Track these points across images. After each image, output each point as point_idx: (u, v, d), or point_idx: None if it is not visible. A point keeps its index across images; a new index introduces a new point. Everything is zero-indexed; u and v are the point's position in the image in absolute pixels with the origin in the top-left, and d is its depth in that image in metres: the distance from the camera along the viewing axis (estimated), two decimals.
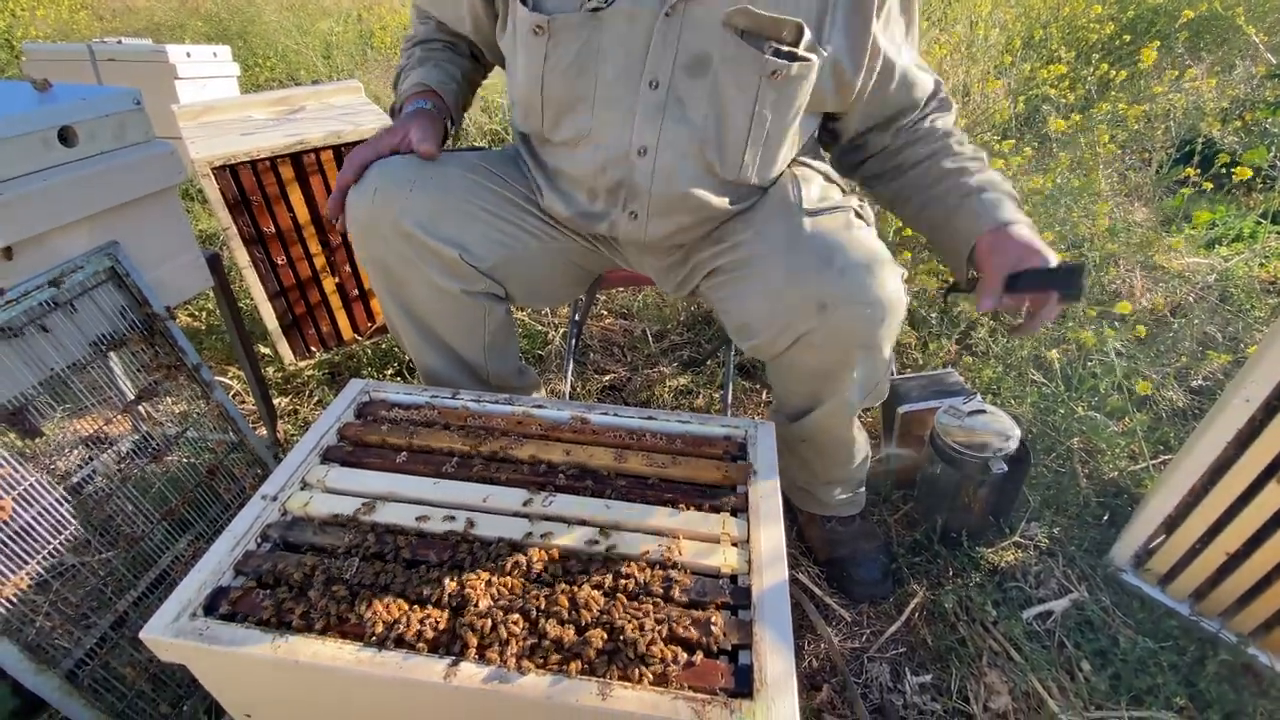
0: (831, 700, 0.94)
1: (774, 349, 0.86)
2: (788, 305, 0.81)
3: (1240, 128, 2.53)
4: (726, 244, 0.91)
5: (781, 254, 0.83)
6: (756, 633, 0.62)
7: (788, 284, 0.81)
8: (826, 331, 0.81)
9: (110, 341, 0.89)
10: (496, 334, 1.03)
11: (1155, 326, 1.69)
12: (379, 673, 0.59)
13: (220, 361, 1.63)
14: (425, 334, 1.01)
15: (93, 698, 0.80)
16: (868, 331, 0.81)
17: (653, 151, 0.84)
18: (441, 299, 0.96)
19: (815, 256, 0.80)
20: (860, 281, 0.79)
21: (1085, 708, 0.92)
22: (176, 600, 0.66)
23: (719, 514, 0.76)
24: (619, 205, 0.90)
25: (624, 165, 0.86)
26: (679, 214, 0.89)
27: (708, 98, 0.81)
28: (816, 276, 0.79)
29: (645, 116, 0.82)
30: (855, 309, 0.79)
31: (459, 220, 0.92)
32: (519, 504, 0.77)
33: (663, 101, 0.81)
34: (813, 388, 0.91)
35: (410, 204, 0.89)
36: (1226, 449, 0.90)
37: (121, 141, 0.92)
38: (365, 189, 0.90)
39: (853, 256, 0.79)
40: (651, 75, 0.80)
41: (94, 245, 0.89)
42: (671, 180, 0.85)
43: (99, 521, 0.87)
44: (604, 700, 0.57)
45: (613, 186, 0.89)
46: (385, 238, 0.91)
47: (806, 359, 0.86)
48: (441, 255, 0.91)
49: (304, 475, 0.81)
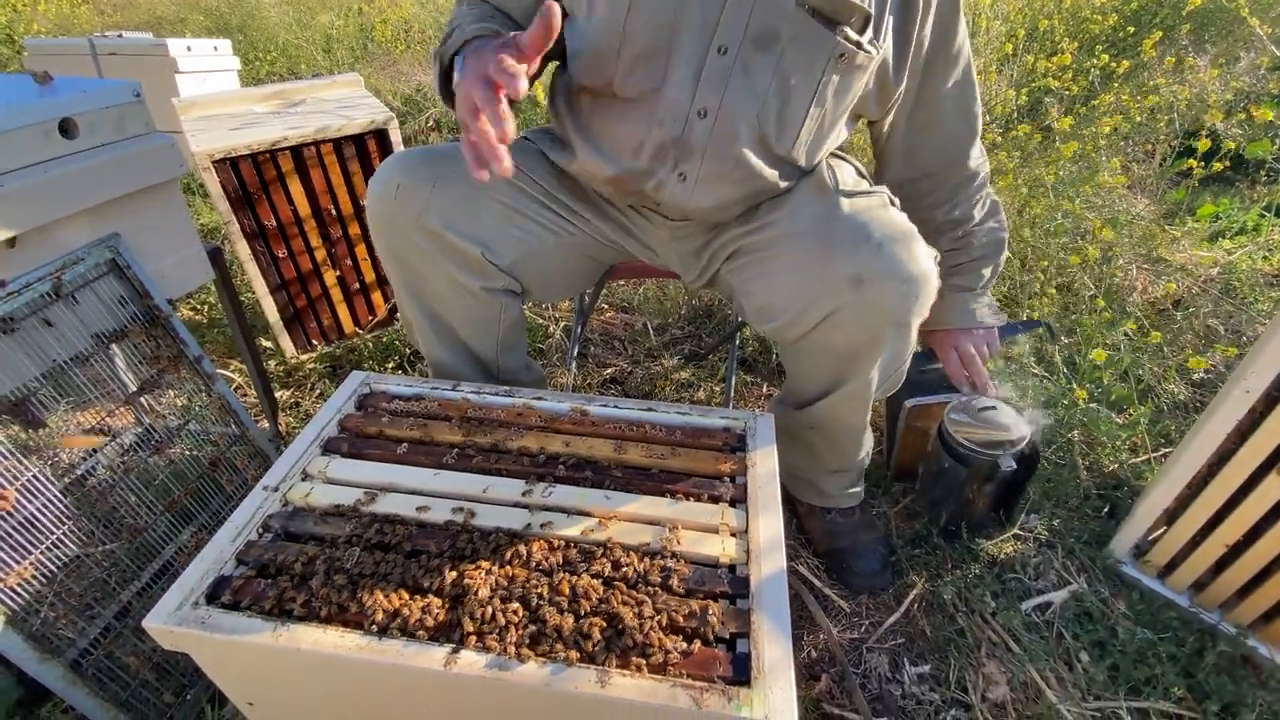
0: (830, 690, 0.94)
1: (799, 328, 0.86)
2: (821, 281, 0.81)
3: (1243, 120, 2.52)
4: (755, 224, 0.91)
5: (815, 231, 0.83)
6: (754, 621, 0.62)
7: (822, 259, 0.81)
8: (860, 307, 0.81)
9: (112, 333, 0.90)
10: (510, 330, 1.04)
11: (1158, 320, 1.68)
12: (380, 660, 0.60)
13: (222, 355, 1.63)
14: (440, 329, 1.01)
15: (97, 687, 0.81)
16: (902, 307, 0.81)
17: (713, 115, 0.83)
18: (461, 296, 0.96)
19: (851, 233, 0.81)
20: (897, 256, 0.79)
21: (1083, 698, 0.92)
22: (179, 589, 0.66)
23: (718, 504, 0.77)
24: (669, 164, 0.88)
25: (682, 124, 0.84)
26: (727, 184, 0.88)
27: (774, 71, 0.81)
28: (852, 251, 0.80)
29: (710, 80, 0.82)
30: (891, 284, 0.79)
31: (481, 217, 0.92)
32: (519, 495, 0.77)
33: (729, 68, 0.81)
34: (835, 370, 0.91)
35: (434, 201, 0.89)
36: (1227, 440, 0.90)
37: (122, 134, 0.92)
38: (387, 184, 0.90)
39: (889, 232, 0.80)
40: (721, 41, 0.80)
41: (95, 238, 0.89)
42: (728, 145, 0.85)
43: (102, 513, 0.88)
44: (603, 688, 0.57)
45: (665, 144, 0.86)
46: (407, 234, 0.90)
47: (834, 338, 0.85)
48: (464, 253, 0.91)
49: (305, 466, 0.82)
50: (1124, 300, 1.73)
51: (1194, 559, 0.99)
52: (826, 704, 0.92)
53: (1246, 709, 0.87)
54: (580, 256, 1.04)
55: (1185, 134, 2.32)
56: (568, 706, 0.60)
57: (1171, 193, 2.21)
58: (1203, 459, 0.93)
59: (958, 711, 0.92)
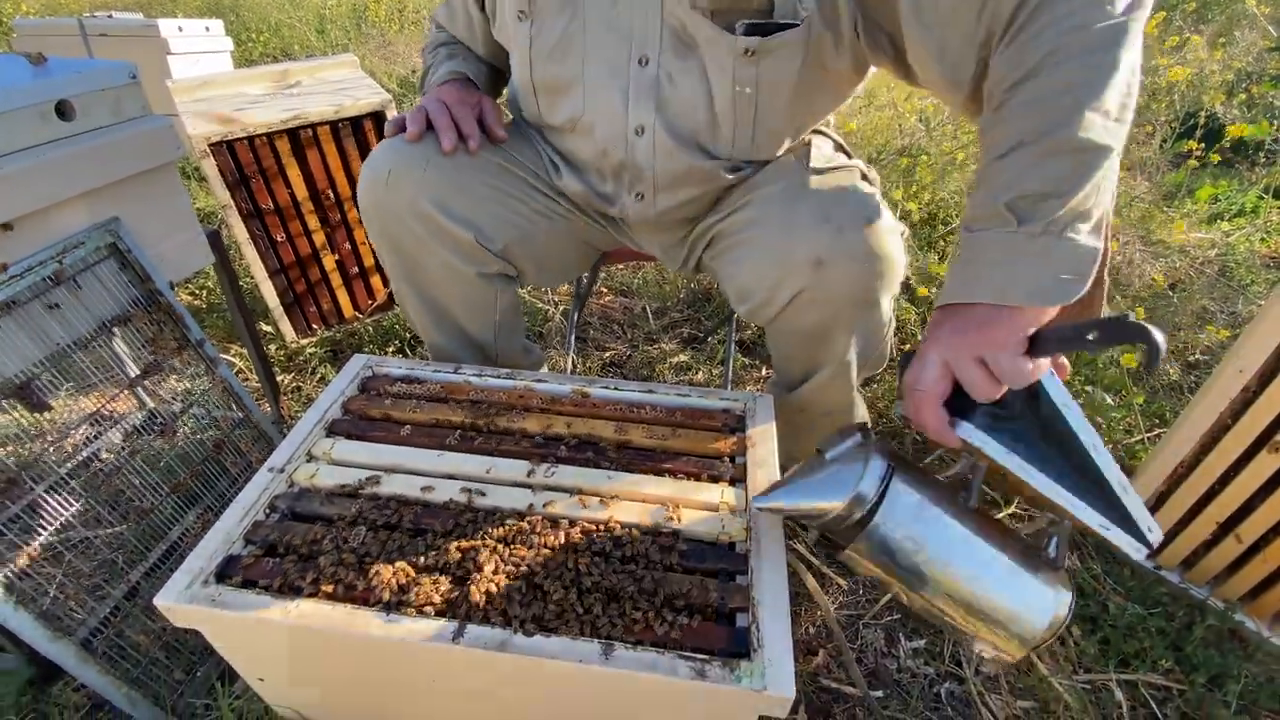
0: (827, 664, 0.96)
1: (771, 310, 0.85)
2: (785, 262, 0.81)
3: (1244, 101, 2.51)
4: (728, 210, 0.91)
5: (780, 213, 0.82)
6: (754, 596, 0.64)
7: (785, 240, 0.80)
8: (823, 289, 0.80)
9: (114, 318, 0.90)
10: (506, 314, 1.04)
11: (1154, 301, 1.69)
12: (389, 636, 0.61)
13: (222, 340, 1.63)
14: (437, 314, 1.01)
15: (108, 665, 0.82)
16: (864, 287, 0.80)
17: (650, 130, 0.83)
18: (456, 281, 0.96)
19: (813, 213, 0.79)
20: (856, 237, 0.77)
21: (1074, 671, 0.95)
22: (189, 568, 0.67)
23: (717, 483, 0.78)
24: (625, 189, 0.90)
25: (623, 146, 0.85)
26: (684, 188, 0.89)
27: (697, 77, 0.80)
28: (813, 232, 0.78)
29: (639, 95, 0.82)
30: (851, 265, 0.78)
31: (473, 201, 0.92)
32: (522, 475, 0.78)
33: (655, 79, 0.81)
34: (810, 352, 0.91)
35: (426, 184, 0.89)
36: (1220, 419, 0.92)
37: (118, 116, 0.92)
38: (379, 169, 0.90)
39: (850, 212, 0.78)
40: (640, 52, 0.80)
41: (93, 222, 0.89)
42: (672, 157, 0.85)
43: (109, 495, 0.89)
44: (606, 661, 0.59)
45: (616, 168, 0.89)
46: (400, 218, 0.90)
47: (803, 319, 0.85)
48: (457, 238, 0.91)
49: (310, 448, 0.83)
50: (1122, 282, 1.74)
51: (1184, 537, 1.01)
52: (823, 678, 0.95)
53: (1233, 681, 0.90)
54: (573, 241, 1.05)
55: (1185, 115, 2.32)
56: (572, 679, 0.62)
57: (1171, 175, 2.21)
58: (1196, 437, 0.95)
59: (951, 684, 0.94)
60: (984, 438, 0.59)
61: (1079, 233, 0.56)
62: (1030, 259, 0.56)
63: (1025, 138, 0.57)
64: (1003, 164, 0.58)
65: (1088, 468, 0.57)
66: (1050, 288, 0.56)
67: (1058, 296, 0.56)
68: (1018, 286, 0.56)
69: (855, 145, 2.07)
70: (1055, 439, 0.58)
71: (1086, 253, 0.56)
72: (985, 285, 0.58)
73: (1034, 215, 0.56)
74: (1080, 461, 0.57)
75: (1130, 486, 0.56)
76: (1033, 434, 0.59)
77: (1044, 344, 0.56)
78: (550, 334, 1.69)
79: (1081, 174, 0.55)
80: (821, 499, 0.63)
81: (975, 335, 0.57)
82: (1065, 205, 0.55)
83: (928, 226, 1.88)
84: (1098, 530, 0.57)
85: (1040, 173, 0.56)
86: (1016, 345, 0.56)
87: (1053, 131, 0.55)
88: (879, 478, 0.62)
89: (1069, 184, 0.55)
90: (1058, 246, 0.56)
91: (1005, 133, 0.58)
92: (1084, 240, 0.56)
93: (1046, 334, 0.56)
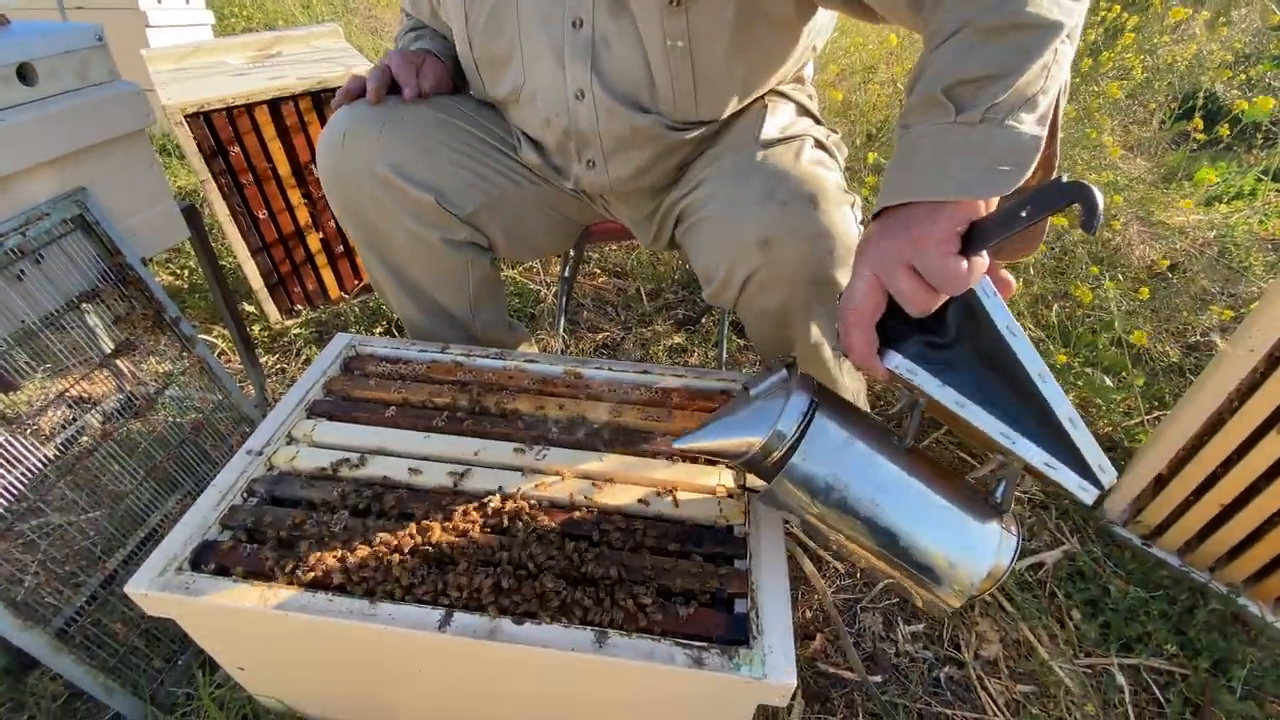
0: (825, 649, 0.95)
1: (730, 292, 0.82)
2: (734, 243, 0.77)
3: (1243, 82, 2.48)
4: (690, 184, 0.87)
5: (728, 192, 0.78)
6: (753, 581, 0.62)
7: (733, 221, 0.77)
8: (773, 269, 0.76)
9: (82, 294, 0.86)
10: (481, 286, 1.00)
11: (1153, 283, 1.67)
12: (373, 624, 0.59)
13: (204, 321, 1.59)
14: (408, 287, 0.98)
15: (84, 654, 0.79)
16: (816, 265, 0.75)
17: (589, 93, 0.80)
18: (421, 248, 0.93)
19: (759, 190, 0.76)
20: (801, 213, 0.73)
21: (1075, 655, 0.93)
22: (162, 554, 0.64)
23: (715, 466, 0.75)
24: (574, 157, 0.88)
25: (565, 113, 0.83)
26: (634, 151, 0.85)
27: (632, 36, 0.77)
28: (758, 210, 0.75)
29: (574, 58, 0.79)
30: (797, 242, 0.74)
31: (434, 163, 0.88)
32: (512, 457, 0.75)
33: (589, 40, 0.78)
34: (779, 333, 0.87)
35: (382, 145, 0.86)
36: (1226, 401, 0.90)
37: (84, 81, 0.87)
38: (333, 134, 0.87)
39: (795, 189, 0.74)
40: (574, 14, 0.77)
41: (60, 192, 0.85)
42: (614, 117, 0.81)
43: (84, 481, 0.85)
44: (600, 649, 0.56)
45: (561, 138, 0.86)
46: (359, 184, 0.88)
47: (762, 302, 0.81)
48: (418, 201, 0.88)
49: (290, 430, 0.79)
50: (1121, 262, 1.72)
51: (1186, 520, 1.00)
52: (821, 662, 0.93)
53: (1237, 665, 0.88)
54: (549, 211, 1.01)
55: (1185, 96, 2.29)
56: (564, 669, 0.59)
57: (1170, 156, 2.19)
58: (1201, 419, 0.93)
59: (951, 669, 0.93)
60: (912, 366, 0.54)
61: (1021, 121, 0.50)
62: (966, 150, 0.51)
63: (966, 19, 0.51)
64: (942, 50, 0.53)
65: (1034, 400, 0.52)
66: (986, 179, 0.50)
67: (993, 188, 0.50)
68: (950, 179, 0.50)
69: (853, 120, 2.03)
70: (998, 368, 0.53)
71: (1029, 142, 0.50)
72: (918, 183, 0.52)
73: (973, 102, 0.51)
74: (1026, 393, 0.52)
75: (1080, 421, 0.51)
76: (973, 364, 0.54)
77: (977, 237, 0.50)
78: (543, 315, 1.65)
79: (1027, 54, 0.50)
80: (740, 435, 0.59)
81: (904, 239, 0.52)
82: (1009, 89, 0.50)
83: None
84: (1042, 469, 0.52)
85: (982, 54, 0.50)
86: (947, 243, 0.50)
87: (998, 8, 0.50)
88: (800, 413, 0.58)
89: (1013, 65, 0.50)
90: (998, 135, 0.50)
91: (947, 18, 0.53)
92: (1027, 129, 0.50)
93: (979, 226, 0.51)
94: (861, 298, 0.54)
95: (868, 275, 0.54)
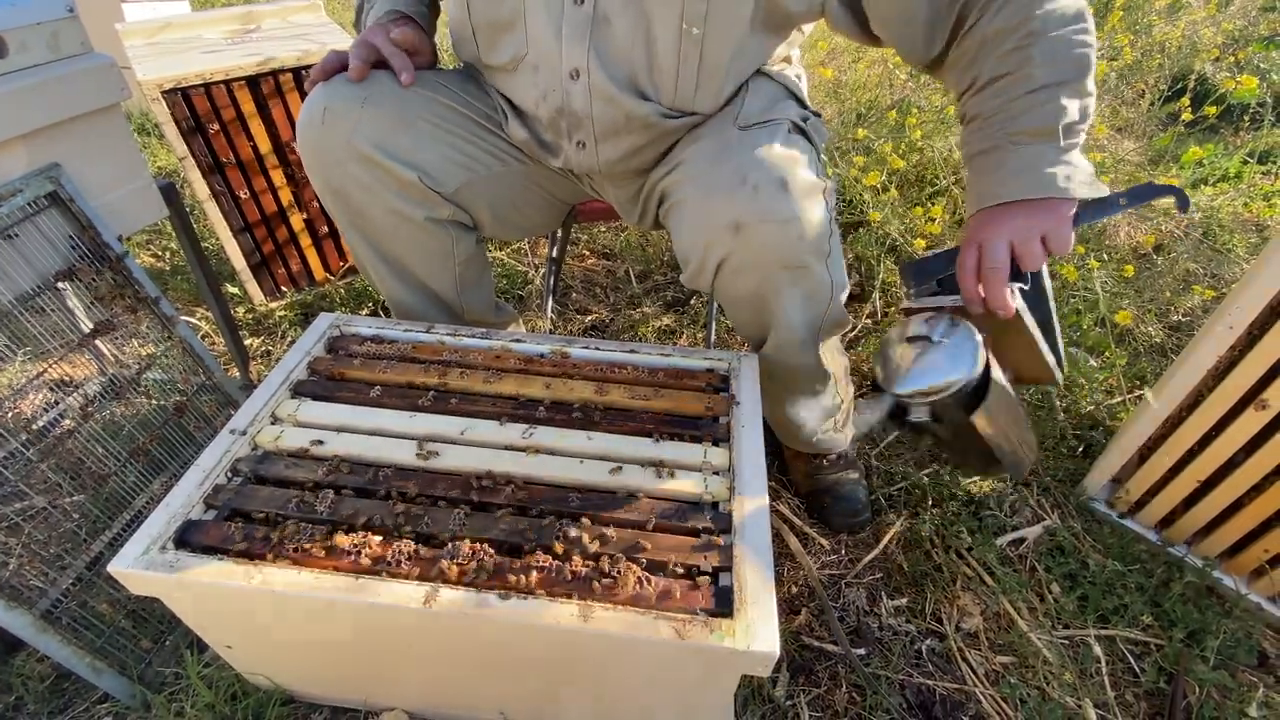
0: (810, 623, 0.96)
1: (705, 277, 0.82)
2: (707, 227, 0.77)
3: (1232, 64, 2.49)
4: (671, 165, 0.86)
5: (703, 175, 0.78)
6: (737, 555, 0.62)
7: (705, 205, 0.77)
8: (745, 254, 0.77)
9: (58, 273, 0.84)
10: (467, 267, 0.99)
11: (1138, 263, 1.68)
12: (358, 600, 0.59)
13: (188, 302, 1.57)
14: (393, 267, 0.97)
15: (71, 635, 0.79)
16: (786, 250, 0.76)
17: (584, 74, 0.79)
18: (405, 227, 0.91)
19: (732, 174, 0.75)
20: (771, 197, 0.73)
21: (1054, 627, 0.95)
22: (145, 533, 0.64)
23: (700, 444, 0.76)
24: (565, 136, 0.86)
25: (559, 91, 0.81)
26: (626, 135, 0.84)
27: (635, 16, 0.75)
28: (729, 195, 0.75)
29: (572, 35, 0.78)
30: (769, 227, 0.74)
31: (416, 139, 0.87)
32: (498, 436, 0.75)
33: (589, 18, 0.76)
34: (754, 317, 0.87)
35: (363, 122, 0.84)
36: (1206, 377, 0.91)
37: (56, 53, 0.85)
38: (313, 110, 0.85)
39: (767, 172, 0.74)
40: None
41: (33, 168, 0.83)
42: (610, 103, 0.81)
43: (68, 464, 0.85)
44: (585, 622, 0.57)
45: (554, 116, 0.84)
46: (340, 162, 0.86)
47: (735, 285, 0.81)
48: (401, 178, 0.87)
49: (274, 409, 0.79)
50: (1108, 243, 1.73)
51: (1165, 495, 1.01)
52: (806, 636, 0.94)
53: (1211, 636, 0.91)
54: (535, 189, 1.00)
55: (1174, 79, 2.29)
56: (550, 642, 0.60)
57: (1158, 138, 2.19)
58: (1181, 395, 0.94)
59: (933, 641, 0.94)
60: (1023, 304, 0.75)
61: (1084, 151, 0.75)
62: (1077, 164, 0.72)
63: (1060, 79, 0.70)
64: (1039, 97, 0.71)
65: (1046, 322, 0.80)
66: (1090, 183, 0.72)
67: (1096, 190, 0.73)
68: (1075, 182, 0.71)
69: (843, 99, 2.02)
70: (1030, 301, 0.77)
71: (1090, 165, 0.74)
72: (1049, 183, 0.71)
73: (1072, 137, 0.72)
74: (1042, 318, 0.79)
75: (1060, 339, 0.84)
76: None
77: (1080, 219, 0.73)
78: (531, 297, 1.64)
79: (1089, 113, 0.73)
80: (953, 374, 0.74)
81: (1042, 218, 0.72)
82: (1083, 132, 0.73)
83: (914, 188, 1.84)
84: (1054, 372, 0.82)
85: (1075, 107, 0.71)
86: (1071, 221, 0.72)
87: (1078, 79, 0.71)
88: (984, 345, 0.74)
89: (1087, 120, 0.73)
90: (1083, 158, 0.73)
91: (1032, 73, 0.71)
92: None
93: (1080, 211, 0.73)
94: (1003, 258, 0.72)
95: (1008, 243, 0.72)
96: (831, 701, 0.88)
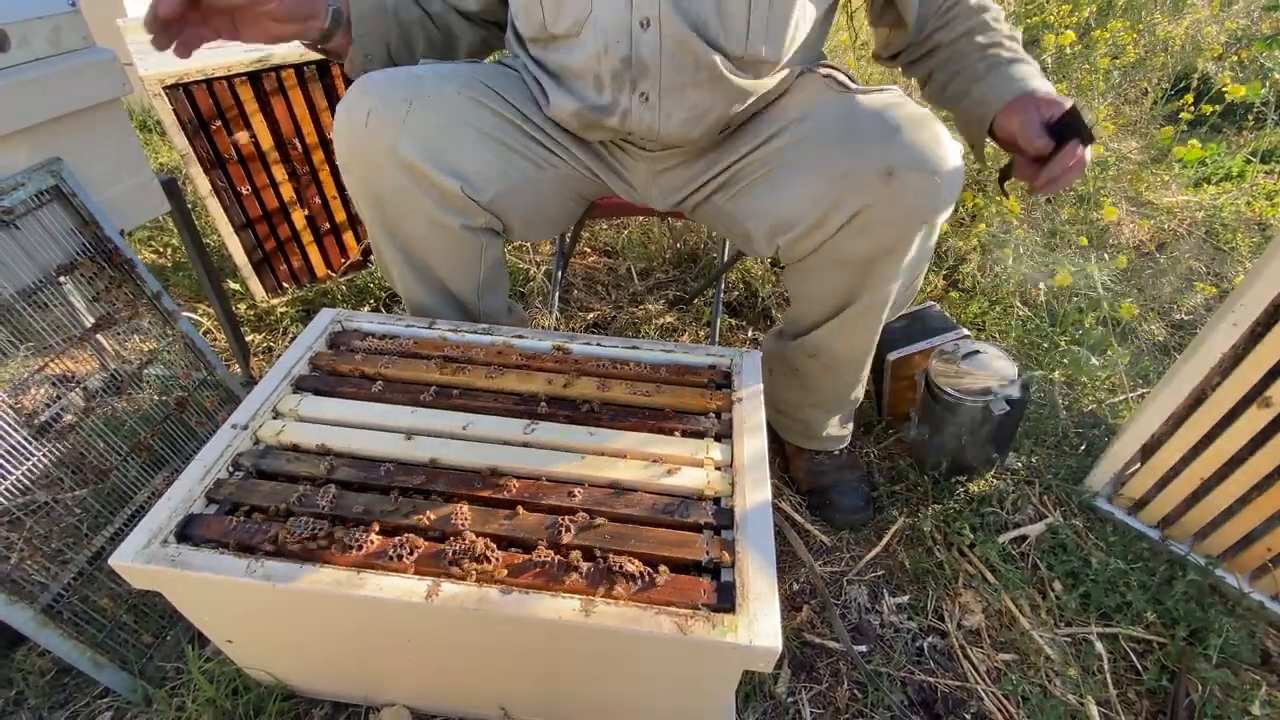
0: (811, 620, 0.96)
1: (818, 236, 0.82)
2: (847, 178, 0.78)
3: (1235, 63, 2.48)
4: (750, 144, 0.87)
5: (837, 129, 0.79)
6: (739, 550, 0.62)
7: (849, 156, 0.78)
8: (889, 203, 0.77)
9: (59, 267, 0.84)
10: (491, 270, 0.99)
11: (1141, 262, 1.68)
12: (360, 594, 0.59)
13: (189, 298, 1.57)
14: (419, 270, 0.95)
15: (72, 629, 0.79)
16: (932, 202, 0.78)
17: (655, 22, 0.78)
18: (440, 235, 0.90)
19: (877, 126, 0.77)
20: (928, 147, 0.76)
21: (1056, 625, 0.95)
22: (146, 527, 0.64)
23: (702, 439, 0.75)
24: (628, 88, 0.83)
25: (627, 40, 0.80)
26: (693, 92, 0.83)
27: None
28: (882, 143, 0.76)
29: None
30: (923, 176, 0.76)
31: (460, 147, 0.85)
32: (500, 432, 0.75)
33: None
34: (850, 284, 0.87)
35: (409, 127, 0.82)
36: (1209, 375, 0.91)
37: (58, 48, 0.85)
38: (356, 111, 0.82)
39: (916, 123, 0.77)
40: None
41: (35, 162, 0.83)
42: (681, 49, 0.79)
43: (70, 459, 0.85)
44: (587, 617, 0.57)
45: (619, 68, 0.82)
46: (381, 167, 0.84)
47: (857, 244, 0.82)
48: (443, 188, 0.85)
49: (276, 404, 0.79)
50: (1110, 242, 1.73)
51: (1167, 493, 1.01)
52: (807, 633, 0.94)
53: (1213, 634, 0.90)
54: (562, 191, 0.99)
55: (1177, 78, 2.28)
56: (552, 636, 0.60)
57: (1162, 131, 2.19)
58: (1185, 392, 0.94)
59: (934, 638, 0.94)
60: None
61: None
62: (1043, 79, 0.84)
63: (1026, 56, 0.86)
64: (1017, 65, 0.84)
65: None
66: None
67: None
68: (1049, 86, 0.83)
69: None
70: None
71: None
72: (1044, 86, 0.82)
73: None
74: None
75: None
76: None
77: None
78: (532, 294, 1.64)
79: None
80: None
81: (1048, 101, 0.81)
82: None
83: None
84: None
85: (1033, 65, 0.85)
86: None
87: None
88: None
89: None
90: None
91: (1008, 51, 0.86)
92: None
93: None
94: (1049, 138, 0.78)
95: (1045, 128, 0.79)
96: (833, 698, 0.88)
